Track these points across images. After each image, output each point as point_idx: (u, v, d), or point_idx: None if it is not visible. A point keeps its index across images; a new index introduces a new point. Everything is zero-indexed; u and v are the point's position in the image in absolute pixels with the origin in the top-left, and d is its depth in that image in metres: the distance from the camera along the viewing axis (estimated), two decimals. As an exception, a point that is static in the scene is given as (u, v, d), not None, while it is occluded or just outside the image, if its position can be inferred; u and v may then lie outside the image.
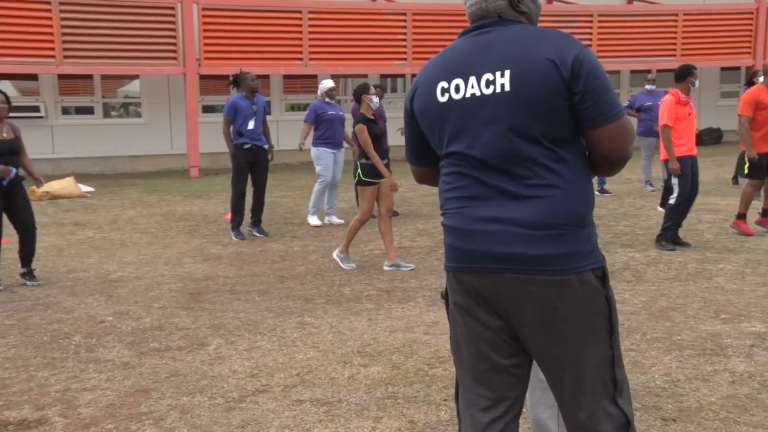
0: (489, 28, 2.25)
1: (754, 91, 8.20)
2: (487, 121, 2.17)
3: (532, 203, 2.13)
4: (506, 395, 2.30)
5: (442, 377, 4.36)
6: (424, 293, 6.31)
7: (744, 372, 4.27)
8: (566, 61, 2.10)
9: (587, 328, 2.17)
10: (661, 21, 19.18)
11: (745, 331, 5.00)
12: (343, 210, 10.95)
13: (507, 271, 2.15)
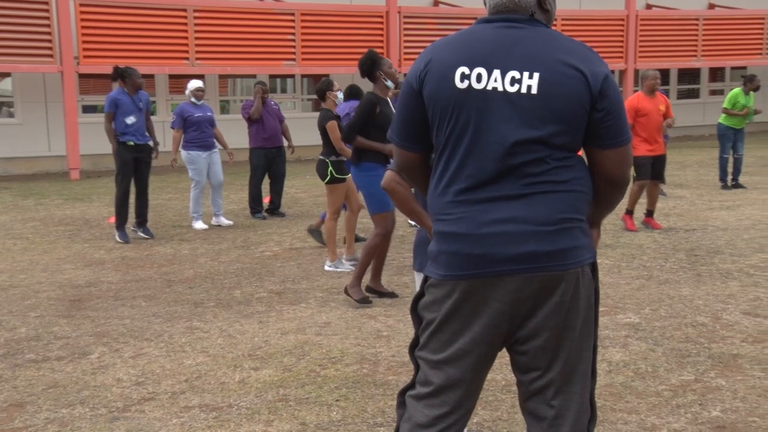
0: (519, 24, 2.22)
1: (634, 98, 8.67)
2: (503, 118, 2.15)
3: (541, 200, 2.16)
4: (468, 398, 2.32)
5: (334, 378, 4.37)
6: (315, 294, 6.30)
7: (620, 361, 4.49)
8: (597, 77, 2.14)
9: (585, 320, 2.25)
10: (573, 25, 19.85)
11: (620, 323, 5.24)
12: (233, 212, 10.78)
13: (522, 270, 2.15)
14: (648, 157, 8.56)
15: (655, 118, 8.56)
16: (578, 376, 2.25)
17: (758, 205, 10.30)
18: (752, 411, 3.75)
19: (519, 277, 2.14)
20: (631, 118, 8.47)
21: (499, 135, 2.14)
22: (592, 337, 2.28)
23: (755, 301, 5.70)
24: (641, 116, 8.51)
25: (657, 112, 8.60)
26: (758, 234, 8.29)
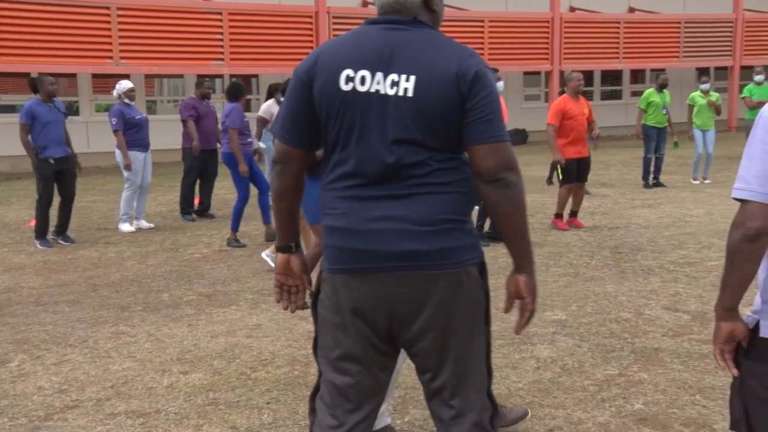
0: (403, 26, 2.23)
1: (560, 101, 8.81)
2: (383, 121, 2.17)
3: (423, 200, 2.18)
4: (372, 398, 2.33)
5: (265, 380, 4.33)
6: (246, 296, 6.23)
7: (547, 358, 4.58)
8: (467, 76, 2.15)
9: (472, 320, 2.27)
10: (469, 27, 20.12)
11: (548, 320, 5.35)
12: (161, 214, 10.57)
13: (402, 268, 2.18)
14: (574, 160, 8.75)
15: (581, 120, 8.75)
16: (473, 375, 2.28)
17: (677, 203, 10.66)
18: (672, 403, 3.88)
19: (399, 275, 2.18)
20: (557, 120, 8.63)
21: (381, 137, 2.18)
22: (484, 336, 2.31)
23: (675, 296, 5.89)
24: (568, 119, 8.66)
25: (582, 115, 8.79)
26: (678, 231, 8.57)
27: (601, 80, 25.07)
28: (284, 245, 2.42)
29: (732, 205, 2.12)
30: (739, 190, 2.07)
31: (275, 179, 2.35)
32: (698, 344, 4.72)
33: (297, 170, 2.32)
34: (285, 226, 2.41)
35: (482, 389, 2.32)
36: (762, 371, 2.15)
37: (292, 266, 2.42)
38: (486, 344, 2.34)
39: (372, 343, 2.27)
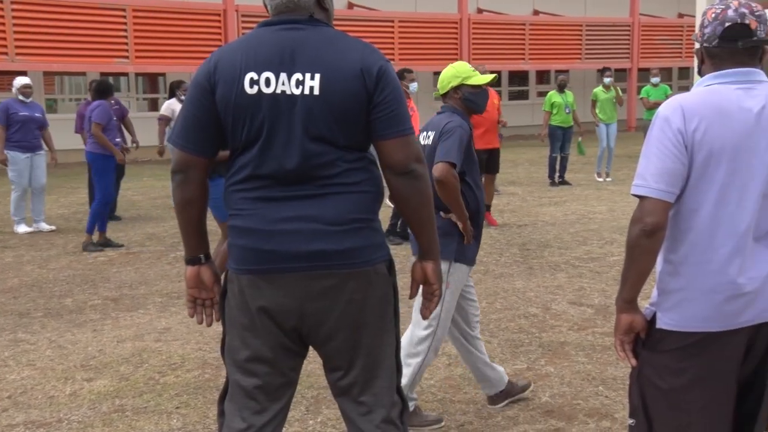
0: (299, 25, 2.22)
1: None
2: (292, 121, 2.16)
3: (332, 200, 2.18)
4: (280, 398, 2.32)
5: (174, 384, 4.23)
6: (154, 299, 6.08)
7: (458, 354, 4.63)
8: (372, 72, 2.16)
9: (382, 317, 2.28)
10: (380, 27, 20.23)
11: (459, 316, 5.42)
12: (63, 216, 10.20)
13: (312, 268, 2.17)
14: (484, 151, 8.92)
15: (491, 112, 8.94)
16: (382, 371, 2.31)
17: (582, 200, 11.00)
18: (577, 394, 4.00)
19: (308, 275, 2.18)
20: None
21: (290, 138, 2.17)
22: (393, 332, 2.34)
23: (580, 291, 6.08)
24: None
25: (492, 106, 8.97)
26: (582, 228, 8.85)
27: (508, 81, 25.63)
28: (193, 257, 2.36)
29: (632, 201, 2.20)
30: (637, 187, 2.15)
31: (177, 190, 2.29)
32: (601, 337, 4.88)
33: (199, 179, 2.27)
34: (192, 237, 2.34)
35: (392, 385, 2.34)
36: (658, 361, 2.24)
37: (204, 278, 2.36)
38: (395, 341, 2.37)
39: (281, 343, 2.26)
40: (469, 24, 21.68)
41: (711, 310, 2.15)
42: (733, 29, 2.15)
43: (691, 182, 2.13)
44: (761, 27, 2.16)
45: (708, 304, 2.15)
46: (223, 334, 2.36)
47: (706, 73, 2.22)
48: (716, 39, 2.18)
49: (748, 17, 2.14)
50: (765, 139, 2.11)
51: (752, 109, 2.12)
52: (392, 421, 2.32)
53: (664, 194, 2.11)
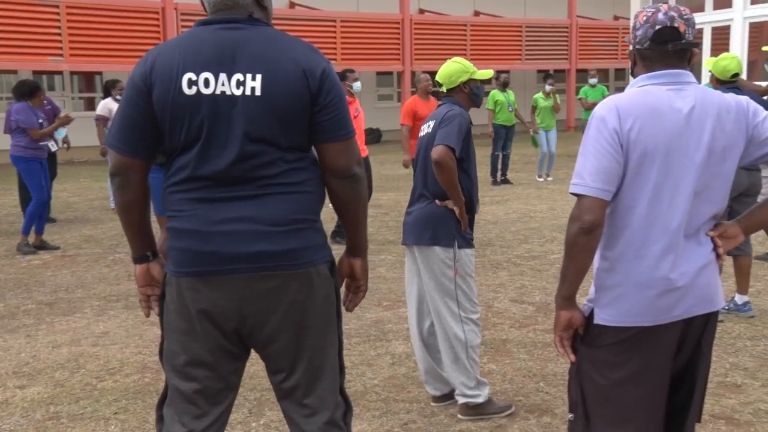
0: (239, 24, 2.18)
1: (410, 102, 8.96)
2: (232, 122, 2.13)
3: (273, 201, 2.16)
4: (221, 402, 2.29)
5: (112, 390, 4.14)
6: (92, 303, 5.94)
7: (402, 353, 4.65)
8: (315, 73, 2.15)
9: (325, 318, 2.27)
10: (322, 26, 20.16)
11: (403, 316, 5.43)
12: (-5, 218, 9.89)
13: (252, 269, 2.14)
14: None
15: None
16: (326, 373, 2.30)
17: (523, 199, 11.14)
18: (518, 391, 4.04)
19: (249, 276, 2.16)
20: (410, 120, 8.81)
21: (230, 138, 2.14)
22: (336, 333, 2.35)
23: (521, 288, 6.15)
24: (418, 119, 8.84)
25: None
26: (523, 226, 8.96)
27: (450, 81, 25.76)
28: (140, 255, 2.33)
29: (572, 200, 2.24)
30: (575, 186, 2.19)
31: (117, 193, 2.25)
32: (542, 334, 4.94)
33: (139, 181, 2.23)
34: (137, 236, 2.31)
35: (335, 387, 2.34)
36: (596, 356, 2.29)
37: (154, 275, 2.33)
38: (338, 342, 2.36)
39: (221, 346, 2.23)
40: (411, 24, 21.76)
41: (645, 305, 2.20)
42: (663, 32, 2.20)
43: (626, 180, 2.18)
44: (689, 30, 2.22)
45: (642, 299, 2.20)
46: (162, 339, 2.31)
47: (639, 75, 2.28)
48: (647, 41, 2.23)
49: (677, 20, 2.20)
50: (695, 138, 2.17)
51: (682, 110, 2.17)
52: (336, 422, 2.31)
53: (601, 192, 2.15)
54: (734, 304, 5.24)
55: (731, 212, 4.62)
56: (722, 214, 2.31)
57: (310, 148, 2.25)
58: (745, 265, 5.23)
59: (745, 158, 2.25)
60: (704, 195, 2.20)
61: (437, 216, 3.68)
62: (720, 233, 2.27)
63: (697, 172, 2.17)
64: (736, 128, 2.20)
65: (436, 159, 3.48)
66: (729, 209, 4.71)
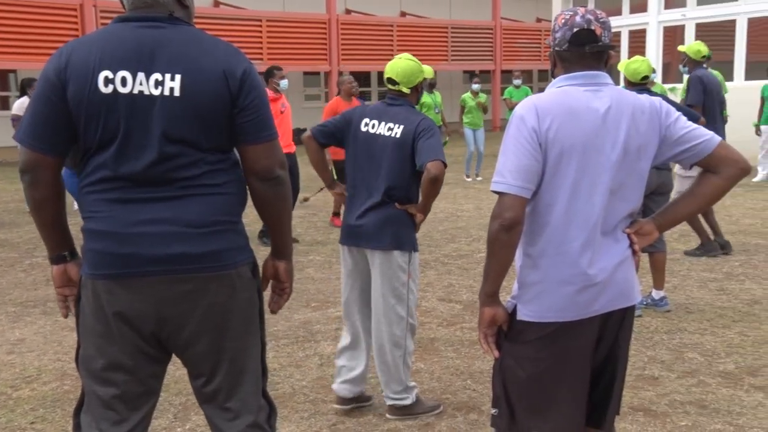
0: (159, 23, 2.13)
1: (333, 103, 8.95)
2: (150, 122, 2.08)
3: (193, 202, 2.12)
4: (140, 407, 2.24)
5: (29, 399, 4.00)
6: (7, 309, 5.72)
7: (331, 354, 4.63)
8: (235, 74, 2.12)
9: (247, 321, 2.24)
10: (247, 26, 19.94)
11: (331, 316, 5.43)
12: None
13: (171, 272, 2.10)
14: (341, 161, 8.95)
15: None
16: (248, 375, 2.28)
17: (450, 199, 11.26)
18: (446, 389, 4.08)
19: (168, 278, 2.12)
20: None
21: (148, 139, 2.10)
22: (258, 335, 2.33)
23: (449, 287, 6.21)
24: None
25: None
26: (451, 225, 9.05)
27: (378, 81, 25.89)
28: (57, 255, 2.26)
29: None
30: (496, 184, 2.22)
31: (27, 191, 2.17)
32: (469, 332, 5.00)
33: (51, 178, 2.15)
34: (53, 235, 2.25)
35: (258, 390, 2.32)
36: (519, 351, 2.33)
37: (71, 275, 2.26)
38: (261, 344, 2.34)
39: (140, 349, 2.18)
40: (338, 24, 21.74)
41: (566, 300, 2.25)
42: (581, 34, 2.25)
43: (545, 178, 2.22)
44: (606, 33, 2.28)
45: (563, 295, 2.25)
46: (78, 343, 2.25)
47: (558, 75, 2.33)
48: (566, 43, 2.28)
49: (593, 24, 2.26)
50: (611, 138, 2.23)
51: (599, 110, 2.23)
52: (260, 425, 2.29)
53: (521, 190, 2.19)
54: (651, 300, 5.41)
55: (644, 210, 4.77)
56: (638, 212, 2.38)
57: (231, 149, 2.22)
58: (660, 262, 5.40)
59: (659, 157, 2.32)
60: (620, 193, 2.27)
61: (399, 220, 3.63)
62: (636, 230, 2.34)
63: (613, 170, 2.23)
64: (650, 128, 2.27)
65: (436, 175, 3.45)
66: (644, 208, 4.86)
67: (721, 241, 7.03)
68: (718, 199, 2.39)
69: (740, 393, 3.89)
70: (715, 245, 6.96)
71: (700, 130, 2.30)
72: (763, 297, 5.60)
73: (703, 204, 2.39)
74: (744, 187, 10.97)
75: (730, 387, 3.97)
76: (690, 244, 7.28)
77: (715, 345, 4.62)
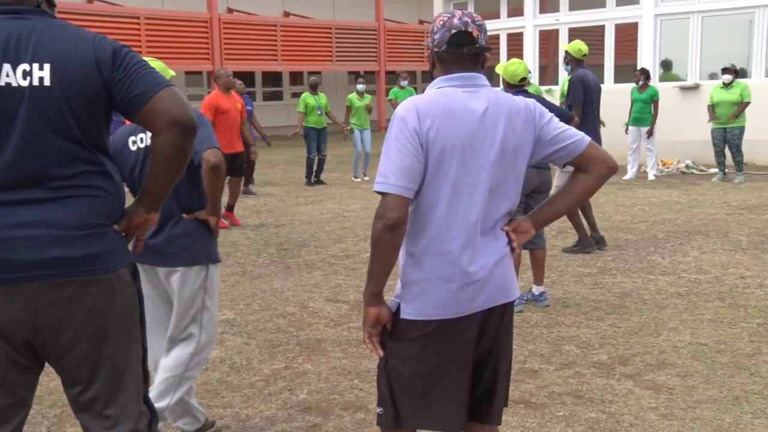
0: (25, 15, 2.04)
1: (212, 96, 8.91)
2: (20, 116, 1.98)
3: (70, 204, 2.03)
4: (10, 420, 2.14)
5: None
6: None
7: (216, 358, 4.56)
8: (105, 58, 2.05)
9: (128, 325, 2.17)
10: (124, 23, 19.31)
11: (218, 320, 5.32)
12: None
13: (47, 276, 2.00)
14: (228, 154, 8.90)
15: (233, 115, 8.95)
16: (128, 382, 2.23)
17: (337, 199, 11.28)
18: (333, 389, 4.08)
19: (43, 284, 2.04)
20: (211, 115, 8.72)
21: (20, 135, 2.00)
22: (139, 341, 2.27)
23: (336, 288, 6.22)
24: (221, 113, 8.79)
25: (235, 110, 8.99)
26: (337, 226, 9.07)
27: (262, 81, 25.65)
28: None
29: (384, 199, 2.29)
30: (379, 184, 2.24)
31: None
32: (357, 331, 5.03)
33: None
34: None
35: (139, 396, 2.26)
36: (403, 350, 2.36)
37: None
38: (142, 349, 2.28)
39: (11, 359, 2.08)
40: (220, 23, 21.38)
41: (448, 298, 2.29)
42: (459, 36, 2.31)
43: (427, 178, 2.26)
44: (482, 35, 2.34)
45: (445, 292, 2.29)
46: None
47: (437, 76, 2.37)
48: (445, 44, 2.32)
49: (470, 26, 2.31)
50: (489, 138, 2.29)
51: (477, 111, 2.29)
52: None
53: (403, 190, 2.21)
54: (531, 295, 5.60)
55: (526, 208, 4.94)
56: (516, 210, 2.46)
57: (106, 147, 2.15)
58: (539, 258, 5.60)
59: (534, 157, 2.41)
60: (499, 192, 2.33)
61: (193, 233, 3.28)
62: (513, 228, 2.42)
63: (492, 170, 2.29)
64: (526, 128, 2.35)
65: (215, 163, 3.09)
66: (524, 206, 5.04)
67: (597, 236, 7.36)
68: (589, 196, 2.50)
69: (612, 382, 4.08)
70: (591, 241, 7.28)
71: (571, 130, 2.40)
72: (633, 290, 5.90)
73: (576, 201, 2.49)
74: (616, 185, 11.54)
75: (603, 377, 4.16)
76: (567, 241, 7.58)
77: (590, 337, 4.83)
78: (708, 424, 3.54)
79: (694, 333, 4.81)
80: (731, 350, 4.49)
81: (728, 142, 11.66)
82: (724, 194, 10.58)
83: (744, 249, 7.15)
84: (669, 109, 12.99)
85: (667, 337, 4.76)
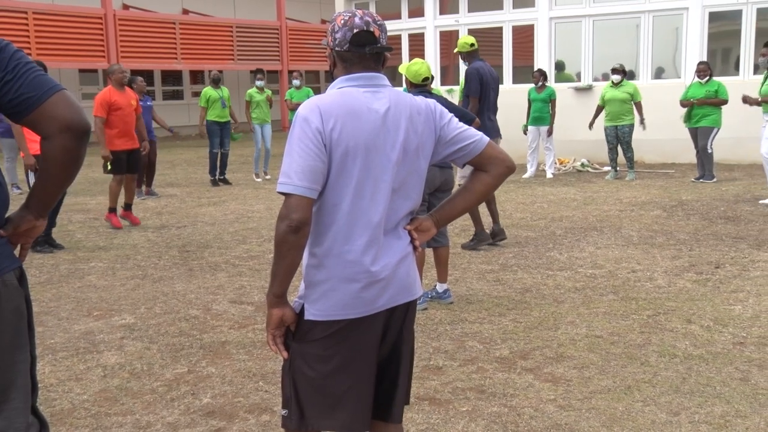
0: None
1: (105, 93, 8.68)
2: None
3: None
4: None
5: None
6: None
7: (115, 364, 4.42)
8: None
9: (14, 332, 2.05)
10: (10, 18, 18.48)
11: (116, 325, 5.18)
12: None
13: None
14: (123, 151, 8.70)
15: (128, 111, 8.77)
16: (16, 392, 2.13)
17: (240, 199, 11.14)
18: (238, 392, 4.03)
19: None
20: (104, 111, 8.50)
21: None
22: (27, 348, 2.18)
23: (240, 289, 6.14)
24: (115, 110, 8.58)
25: (129, 106, 8.80)
26: (241, 227, 8.96)
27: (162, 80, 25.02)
28: None
29: (289, 199, 2.28)
30: (282, 185, 2.23)
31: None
32: (261, 333, 4.98)
33: None
34: None
35: (27, 406, 2.15)
36: (307, 351, 2.35)
37: None
38: (30, 357, 2.17)
39: None
40: (115, 20, 20.76)
41: (351, 298, 2.30)
42: (361, 36, 2.32)
43: (331, 178, 2.26)
44: (383, 35, 2.36)
45: (348, 292, 2.30)
46: None
47: (338, 76, 2.37)
48: (347, 44, 2.33)
49: (372, 25, 2.33)
50: (391, 138, 2.31)
51: (379, 111, 2.30)
52: None
53: (307, 191, 2.21)
54: (436, 293, 5.68)
55: (429, 206, 5.01)
56: (419, 209, 2.49)
57: None
58: (443, 256, 5.69)
59: (435, 156, 2.45)
60: (401, 191, 2.36)
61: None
62: (415, 227, 2.45)
63: (394, 169, 2.32)
64: (427, 128, 2.39)
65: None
66: (428, 204, 5.11)
67: (497, 229, 7.53)
68: (488, 194, 2.55)
69: (513, 376, 4.19)
70: (486, 235, 7.44)
71: (471, 131, 2.45)
72: (533, 285, 6.08)
73: (475, 200, 2.54)
74: (516, 184, 11.85)
75: (505, 371, 4.27)
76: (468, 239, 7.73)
77: (492, 333, 4.94)
78: (602, 413, 3.69)
79: (590, 326, 5.00)
80: (624, 341, 4.68)
81: (619, 139, 12.17)
82: (616, 191, 11.02)
83: (635, 244, 7.47)
84: (564, 109, 13.42)
85: (565, 330, 4.93)
